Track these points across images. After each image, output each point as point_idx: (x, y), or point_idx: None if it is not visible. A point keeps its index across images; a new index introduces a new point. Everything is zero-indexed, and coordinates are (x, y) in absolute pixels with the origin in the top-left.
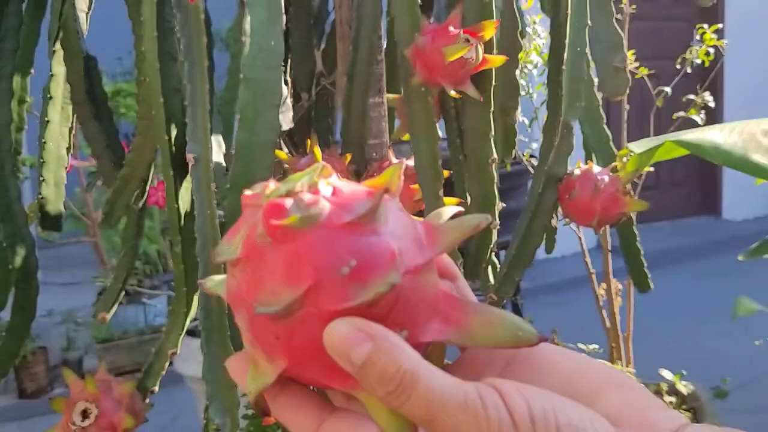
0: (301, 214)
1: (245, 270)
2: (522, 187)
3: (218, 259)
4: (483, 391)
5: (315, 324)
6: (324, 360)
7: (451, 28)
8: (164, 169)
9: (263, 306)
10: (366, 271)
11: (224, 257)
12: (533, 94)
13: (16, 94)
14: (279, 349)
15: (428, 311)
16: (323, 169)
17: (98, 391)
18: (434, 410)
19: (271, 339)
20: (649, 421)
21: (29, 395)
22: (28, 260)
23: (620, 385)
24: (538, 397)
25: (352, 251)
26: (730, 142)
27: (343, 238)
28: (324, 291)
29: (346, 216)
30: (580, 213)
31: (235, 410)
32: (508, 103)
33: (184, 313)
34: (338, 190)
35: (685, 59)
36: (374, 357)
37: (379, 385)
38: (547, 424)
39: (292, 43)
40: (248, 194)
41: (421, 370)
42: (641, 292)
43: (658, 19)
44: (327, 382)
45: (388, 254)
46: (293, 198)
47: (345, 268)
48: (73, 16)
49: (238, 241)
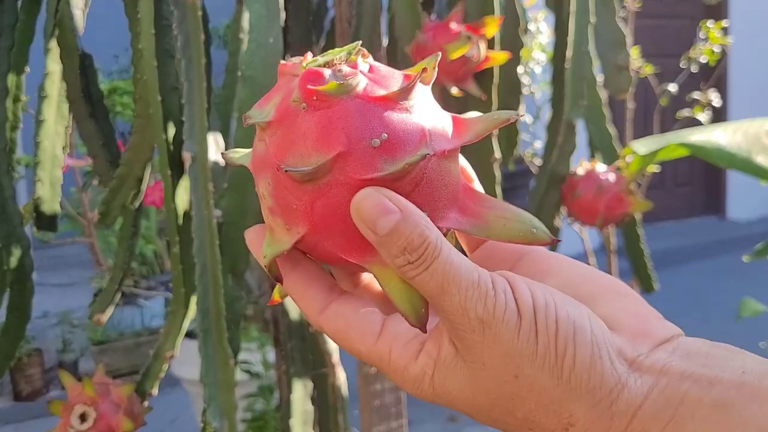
0: (339, 82)
1: (275, 134)
2: (525, 187)
3: (249, 122)
4: (495, 277)
5: (339, 191)
6: (344, 229)
7: (453, 25)
8: (161, 168)
9: (291, 167)
10: (396, 145)
11: (255, 120)
12: (536, 92)
13: (11, 92)
14: (300, 215)
15: (448, 199)
16: (360, 48)
17: (96, 394)
18: (448, 284)
19: (293, 204)
20: (645, 329)
21: (25, 398)
22: (23, 261)
23: (620, 294)
24: (542, 290)
25: (384, 125)
26: (734, 144)
27: (377, 111)
28: (353, 159)
29: (381, 90)
30: (583, 213)
31: (232, 413)
32: (510, 101)
33: (182, 314)
34: (375, 68)
35: (690, 58)
36: (401, 227)
37: (401, 255)
38: (547, 315)
39: (291, 41)
40: (286, 63)
41: (443, 245)
42: (646, 292)
43: (662, 16)
44: (343, 254)
45: (418, 133)
46: (331, 68)
47: (376, 140)
48: (68, 13)
49: (270, 107)
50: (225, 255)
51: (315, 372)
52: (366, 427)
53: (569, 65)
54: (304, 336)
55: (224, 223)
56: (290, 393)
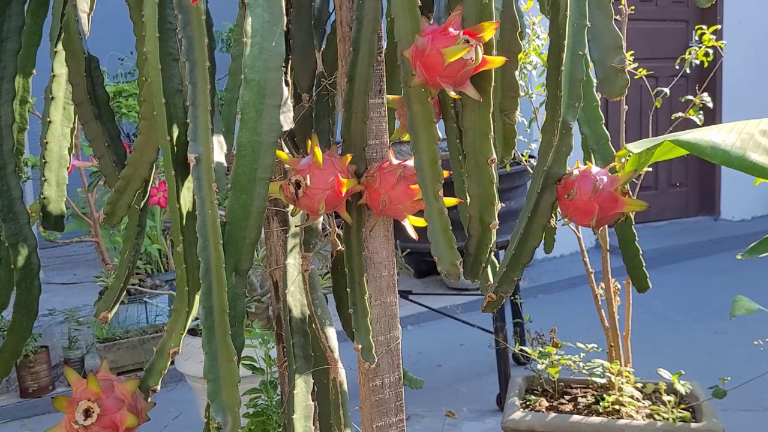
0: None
1: None
2: (521, 187)
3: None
4: None
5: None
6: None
7: (451, 29)
8: (166, 168)
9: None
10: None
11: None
12: (532, 94)
13: (19, 94)
14: None
15: None
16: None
17: (101, 390)
18: None
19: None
20: None
21: (31, 394)
22: (31, 260)
23: None
24: None
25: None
26: (728, 142)
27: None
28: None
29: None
30: (579, 213)
31: (236, 409)
32: (507, 103)
33: (186, 312)
34: None
35: (684, 60)
36: None
37: None
38: None
39: (293, 44)
40: None
41: None
42: (640, 291)
43: (656, 19)
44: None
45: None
46: None
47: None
48: (74, 17)
49: None
50: (228, 254)
51: (316, 368)
52: (366, 422)
53: (565, 68)
54: (306, 333)
55: (228, 223)
56: (292, 389)
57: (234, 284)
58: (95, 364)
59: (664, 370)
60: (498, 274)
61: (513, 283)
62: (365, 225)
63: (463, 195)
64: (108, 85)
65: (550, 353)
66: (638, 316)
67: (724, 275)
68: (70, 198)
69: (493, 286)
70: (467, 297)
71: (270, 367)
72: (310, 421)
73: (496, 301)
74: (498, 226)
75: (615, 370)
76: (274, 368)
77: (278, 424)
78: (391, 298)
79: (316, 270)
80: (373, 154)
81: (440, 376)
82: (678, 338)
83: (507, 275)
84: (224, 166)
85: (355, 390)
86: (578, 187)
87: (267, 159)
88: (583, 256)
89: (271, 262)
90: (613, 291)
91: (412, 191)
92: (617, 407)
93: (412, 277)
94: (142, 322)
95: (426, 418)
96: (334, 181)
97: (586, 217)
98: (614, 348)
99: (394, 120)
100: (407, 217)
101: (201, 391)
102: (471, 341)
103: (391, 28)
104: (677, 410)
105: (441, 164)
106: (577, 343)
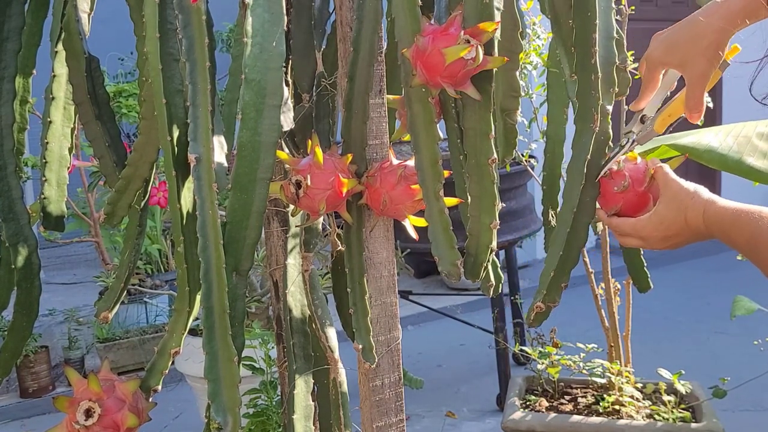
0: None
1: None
2: (522, 187)
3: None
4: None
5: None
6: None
7: (452, 29)
8: (167, 169)
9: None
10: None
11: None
12: (532, 94)
13: (19, 94)
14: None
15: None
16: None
17: (101, 390)
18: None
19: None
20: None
21: (31, 394)
22: (31, 260)
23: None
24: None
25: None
26: (726, 146)
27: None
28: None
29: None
30: (631, 206)
31: (236, 409)
32: (508, 103)
33: (186, 312)
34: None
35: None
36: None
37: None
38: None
39: (293, 45)
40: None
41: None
42: (641, 291)
43: (657, 20)
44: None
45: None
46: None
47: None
48: (75, 17)
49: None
50: (229, 254)
51: (317, 368)
52: (366, 422)
53: (600, 49)
54: (306, 333)
55: (228, 223)
56: (292, 389)
57: (234, 284)
58: (95, 364)
59: (664, 370)
60: (543, 283)
61: (561, 290)
62: (365, 225)
63: (463, 195)
64: (108, 85)
65: (550, 353)
66: (638, 316)
67: (724, 275)
68: (70, 198)
69: (542, 294)
70: (467, 297)
71: (270, 367)
72: (310, 421)
73: (545, 311)
74: (499, 226)
75: (615, 370)
76: (274, 368)
77: (278, 425)
78: (392, 298)
79: (317, 270)
80: (373, 154)
81: (440, 376)
82: (678, 338)
83: (554, 282)
84: (225, 167)
85: (355, 390)
86: (632, 177)
87: (267, 159)
88: (584, 256)
89: (272, 262)
90: (614, 291)
91: (412, 191)
92: (617, 407)
93: (413, 277)
94: (142, 322)
95: (426, 418)
96: (334, 181)
97: (640, 209)
98: (614, 348)
99: (394, 120)
100: (408, 217)
101: (201, 391)
102: (471, 341)
103: (391, 28)
104: (677, 410)
105: (441, 164)
106: (577, 343)
